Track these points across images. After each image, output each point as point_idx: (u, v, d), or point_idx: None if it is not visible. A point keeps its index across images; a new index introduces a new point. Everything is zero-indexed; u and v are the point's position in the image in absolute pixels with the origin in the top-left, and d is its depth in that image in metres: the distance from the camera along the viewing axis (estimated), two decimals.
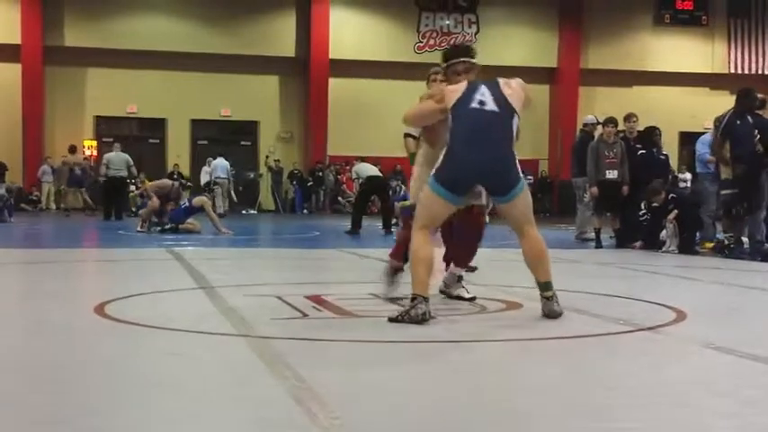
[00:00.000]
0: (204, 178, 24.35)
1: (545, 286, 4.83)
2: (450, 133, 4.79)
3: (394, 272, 5.67)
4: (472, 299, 5.56)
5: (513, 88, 4.85)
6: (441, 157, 4.81)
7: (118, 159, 19.72)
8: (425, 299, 4.61)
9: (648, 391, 3.17)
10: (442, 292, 5.68)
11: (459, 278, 5.71)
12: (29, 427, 2.62)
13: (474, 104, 4.74)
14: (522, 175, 4.82)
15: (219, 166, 24.07)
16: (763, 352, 3.90)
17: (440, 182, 4.74)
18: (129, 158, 19.82)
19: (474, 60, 5.20)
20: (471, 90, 4.80)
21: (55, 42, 26.64)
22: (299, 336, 4.29)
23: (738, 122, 9.93)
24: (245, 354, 3.80)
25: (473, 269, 6.63)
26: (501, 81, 4.89)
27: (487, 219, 5.89)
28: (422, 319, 4.54)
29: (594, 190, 11.51)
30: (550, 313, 4.79)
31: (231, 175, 24.20)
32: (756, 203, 10.02)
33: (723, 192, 10.19)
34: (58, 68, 26.82)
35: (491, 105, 4.73)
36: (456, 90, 4.85)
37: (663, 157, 12.03)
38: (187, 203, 14.35)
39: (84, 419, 2.71)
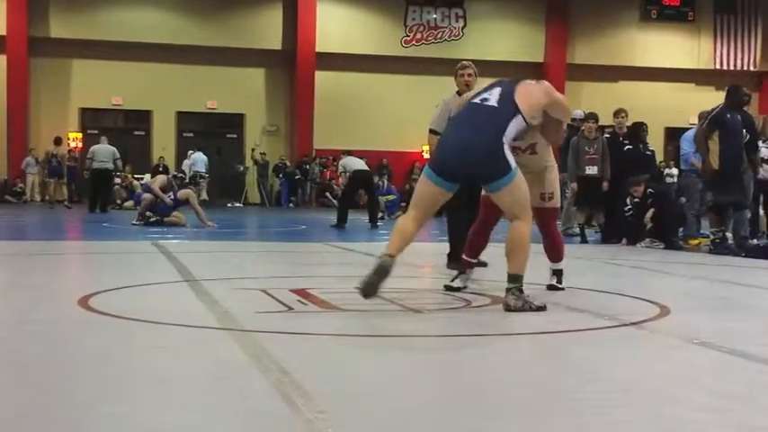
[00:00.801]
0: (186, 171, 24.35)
1: (509, 278, 4.94)
2: None
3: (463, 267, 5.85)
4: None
5: (528, 88, 5.01)
6: None
7: (104, 151, 19.62)
8: (390, 255, 4.67)
9: (632, 386, 3.18)
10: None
11: (558, 272, 5.96)
12: (13, 420, 2.61)
13: (476, 99, 5.03)
14: (513, 170, 4.82)
15: (199, 160, 24.06)
16: (746, 347, 3.93)
17: (429, 164, 5.03)
18: (116, 151, 19.73)
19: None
20: (484, 89, 5.09)
21: (40, 33, 26.48)
22: (283, 329, 4.28)
23: (728, 116, 9.98)
24: (229, 347, 3.79)
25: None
26: (523, 82, 5.07)
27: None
28: (377, 274, 4.59)
29: (575, 185, 11.55)
30: (504, 304, 4.89)
31: (208, 169, 24.18)
32: (741, 200, 10.09)
33: (711, 189, 10.24)
34: (43, 60, 26.67)
35: (492, 102, 4.92)
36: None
37: (649, 152, 12.07)
38: (173, 196, 14.29)
39: (68, 412, 2.70)
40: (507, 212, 5.04)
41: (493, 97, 4.94)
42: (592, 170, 11.46)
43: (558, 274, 6.02)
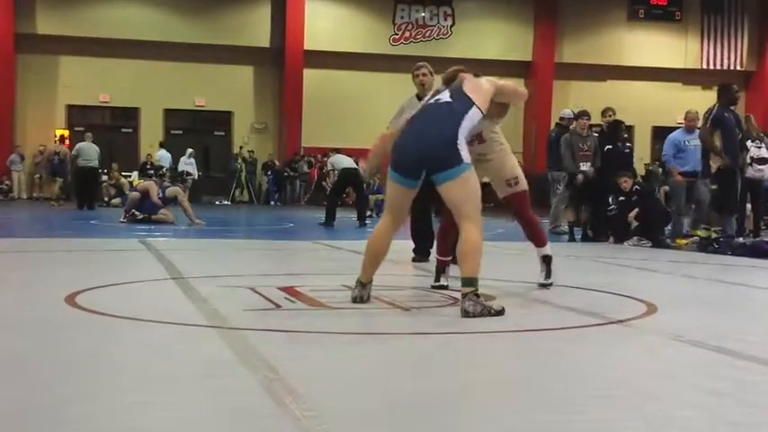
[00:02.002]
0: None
1: (463, 281, 4.74)
2: None
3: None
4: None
5: (474, 84, 5.11)
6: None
7: (89, 150, 19.69)
8: (362, 283, 5.03)
9: (618, 384, 3.19)
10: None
11: (547, 258, 5.99)
12: (0, 417, 2.60)
13: (431, 100, 5.15)
14: (465, 164, 4.78)
15: (163, 158, 24.03)
16: (731, 345, 3.95)
17: (390, 165, 5.03)
18: (98, 149, 19.91)
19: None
20: (436, 92, 5.25)
21: (27, 30, 26.34)
22: (271, 327, 4.28)
23: (726, 115, 10.12)
24: (217, 345, 3.79)
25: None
26: (467, 78, 5.16)
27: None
28: (354, 299, 4.99)
29: (580, 177, 11.54)
30: (462, 310, 4.65)
31: (172, 166, 24.04)
32: (734, 198, 10.20)
33: (713, 187, 10.27)
34: (30, 56, 26.54)
35: (445, 99, 5.05)
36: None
37: (627, 150, 12.11)
38: (161, 194, 14.26)
39: (56, 409, 2.69)
40: (456, 211, 4.86)
41: (445, 96, 5.06)
42: (585, 166, 11.52)
43: (547, 261, 6.00)
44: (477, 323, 4.57)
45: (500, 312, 4.67)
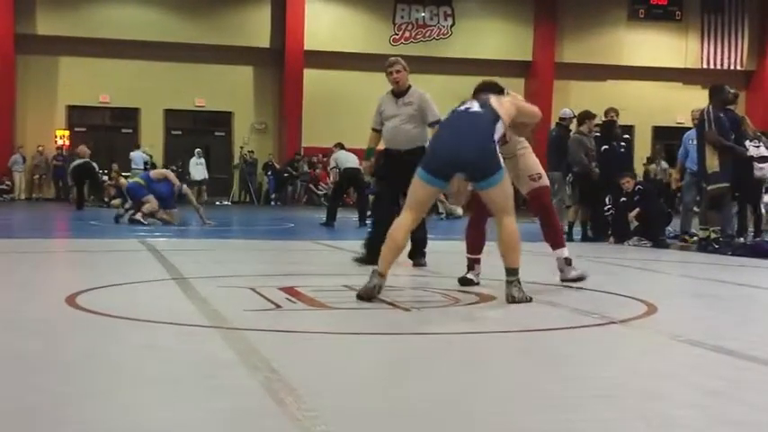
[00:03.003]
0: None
1: (509, 272, 5.25)
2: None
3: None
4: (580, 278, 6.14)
5: (499, 100, 5.50)
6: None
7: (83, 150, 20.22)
8: (380, 274, 5.15)
9: (617, 384, 3.20)
10: (563, 280, 6.15)
11: (568, 260, 6.18)
12: (0, 417, 2.61)
13: (460, 108, 5.51)
14: (503, 169, 5.24)
15: (136, 159, 24.03)
16: (730, 344, 3.95)
17: (422, 166, 5.33)
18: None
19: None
20: (464, 102, 5.59)
21: (27, 30, 26.34)
22: (272, 327, 4.29)
23: (722, 116, 10.12)
24: (217, 345, 3.79)
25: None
26: (492, 96, 5.55)
27: (460, 211, 6.18)
28: (367, 293, 5.09)
29: (597, 172, 11.55)
30: (507, 296, 5.18)
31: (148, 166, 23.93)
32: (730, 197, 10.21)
33: (711, 187, 10.20)
34: (30, 57, 26.53)
35: (476, 108, 5.42)
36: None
37: (623, 149, 12.11)
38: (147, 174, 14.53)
39: (56, 409, 2.70)
40: (499, 207, 5.31)
41: (475, 106, 5.44)
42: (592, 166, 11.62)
43: (568, 262, 6.22)
44: (477, 323, 4.58)
45: (530, 300, 5.22)
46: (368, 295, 5.08)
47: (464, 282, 6.01)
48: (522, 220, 5.97)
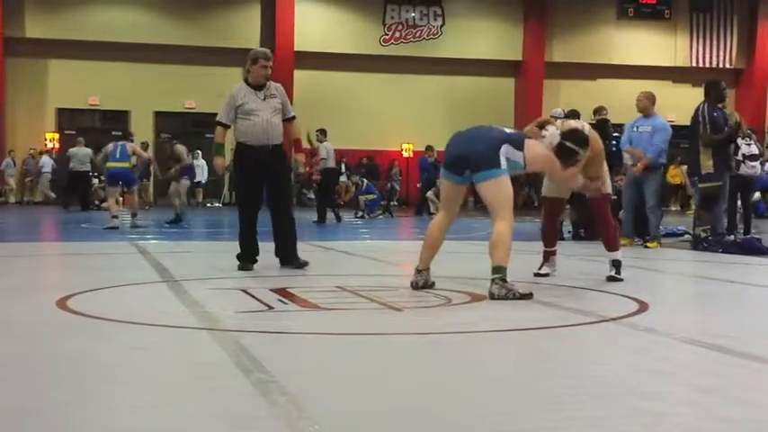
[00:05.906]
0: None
1: (492, 270, 5.37)
2: None
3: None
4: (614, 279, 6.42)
5: (536, 149, 5.70)
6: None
7: (81, 154, 19.90)
8: (418, 270, 5.72)
9: (610, 382, 3.20)
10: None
11: (614, 262, 6.51)
12: None
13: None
14: (502, 170, 5.43)
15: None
16: (722, 342, 3.96)
17: (442, 165, 5.75)
18: (91, 152, 20.01)
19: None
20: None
21: (15, 33, 26.26)
22: (264, 329, 4.28)
23: (715, 114, 10.13)
24: (209, 347, 3.78)
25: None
26: (530, 141, 5.78)
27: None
28: (413, 284, 5.66)
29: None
30: (489, 293, 5.30)
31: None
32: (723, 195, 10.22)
33: (703, 185, 10.23)
34: (19, 60, 26.45)
35: (508, 129, 5.81)
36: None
37: (614, 149, 12.12)
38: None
39: (48, 413, 2.68)
40: (491, 208, 5.50)
41: (509, 128, 5.84)
42: None
43: (617, 265, 6.50)
44: (469, 323, 4.58)
45: (526, 296, 5.25)
46: (415, 287, 5.66)
47: (538, 276, 6.51)
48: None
